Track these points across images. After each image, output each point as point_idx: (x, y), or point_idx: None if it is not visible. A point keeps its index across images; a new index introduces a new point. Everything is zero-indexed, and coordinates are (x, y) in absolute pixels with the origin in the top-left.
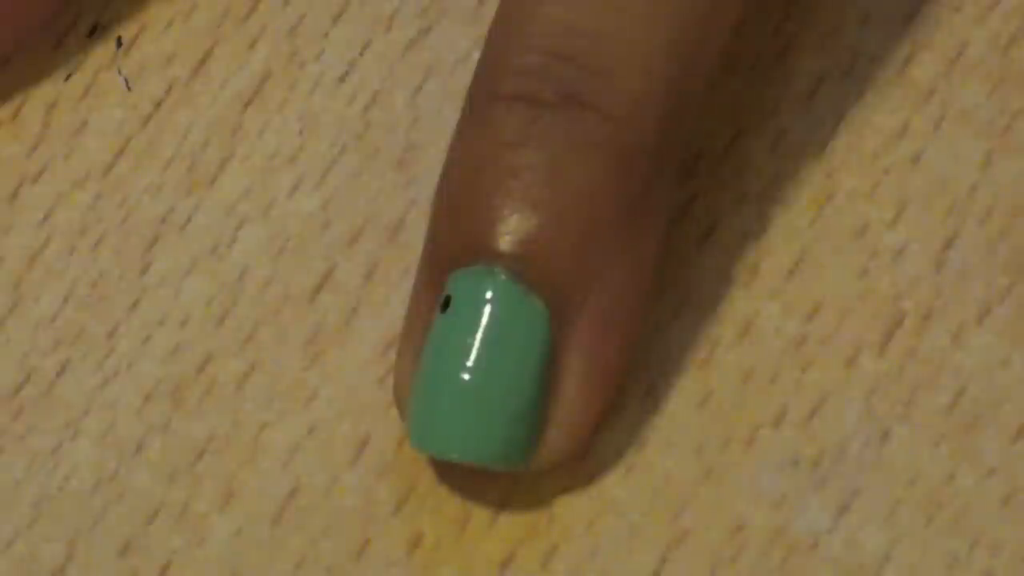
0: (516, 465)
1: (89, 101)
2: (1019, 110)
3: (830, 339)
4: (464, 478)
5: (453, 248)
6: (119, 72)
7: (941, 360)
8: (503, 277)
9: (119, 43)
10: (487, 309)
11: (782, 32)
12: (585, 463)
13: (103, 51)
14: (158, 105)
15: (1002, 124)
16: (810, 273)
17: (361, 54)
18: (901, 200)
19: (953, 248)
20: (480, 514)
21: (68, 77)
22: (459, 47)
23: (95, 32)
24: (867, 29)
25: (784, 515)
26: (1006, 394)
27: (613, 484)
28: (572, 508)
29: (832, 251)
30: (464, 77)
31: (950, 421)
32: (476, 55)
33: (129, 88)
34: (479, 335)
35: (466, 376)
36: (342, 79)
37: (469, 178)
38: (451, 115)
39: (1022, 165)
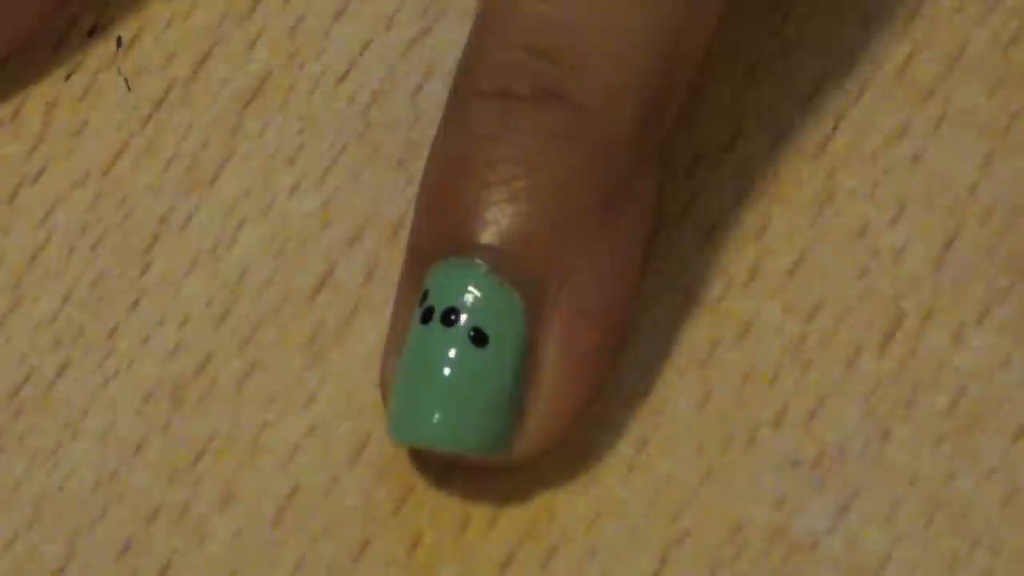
0: (494, 453)
1: (89, 101)
2: (1019, 110)
3: (830, 339)
4: (464, 478)
5: (431, 242)
6: (119, 72)
7: (941, 360)
8: (480, 269)
9: (119, 43)
10: (465, 300)
11: (782, 32)
12: (585, 463)
13: (103, 51)
14: (158, 105)
15: (1002, 124)
16: (810, 273)
17: (361, 54)
18: (901, 200)
19: (953, 248)
20: (480, 514)
21: (68, 77)
22: (459, 47)
23: (95, 32)
24: (867, 29)
25: (784, 515)
26: (1006, 394)
27: (613, 484)
28: (572, 508)
29: (832, 251)
30: None
31: (950, 421)
32: None
33: (129, 88)
34: (457, 326)
35: (445, 368)
36: (342, 79)
37: (446, 172)
38: None
39: (1022, 165)
